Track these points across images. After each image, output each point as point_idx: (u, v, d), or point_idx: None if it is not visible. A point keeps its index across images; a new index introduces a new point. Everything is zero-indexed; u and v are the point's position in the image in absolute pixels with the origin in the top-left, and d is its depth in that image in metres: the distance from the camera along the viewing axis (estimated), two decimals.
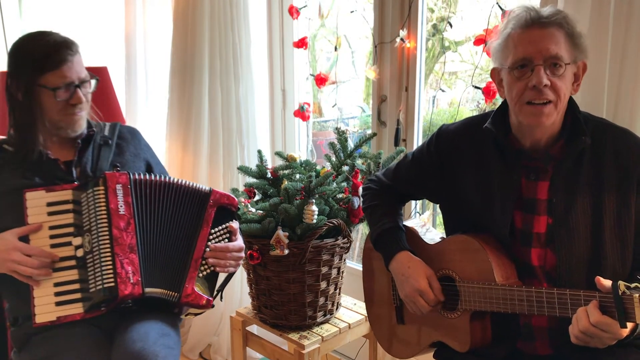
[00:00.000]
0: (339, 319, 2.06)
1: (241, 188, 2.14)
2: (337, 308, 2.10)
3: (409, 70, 2.28)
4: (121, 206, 1.56)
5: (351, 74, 3.03)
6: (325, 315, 2.03)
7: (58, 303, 1.50)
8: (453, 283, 1.48)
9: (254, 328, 2.31)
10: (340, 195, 1.98)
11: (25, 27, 3.30)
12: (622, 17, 1.50)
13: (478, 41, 1.93)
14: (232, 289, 2.69)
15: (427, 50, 2.48)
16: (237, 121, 2.64)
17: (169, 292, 1.59)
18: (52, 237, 1.54)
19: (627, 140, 1.35)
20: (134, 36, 2.95)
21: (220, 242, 1.66)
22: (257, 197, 2.09)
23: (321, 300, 1.98)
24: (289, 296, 1.93)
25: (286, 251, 1.81)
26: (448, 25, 2.16)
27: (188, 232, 1.64)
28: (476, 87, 2.00)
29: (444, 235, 1.63)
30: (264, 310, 2.03)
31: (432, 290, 1.48)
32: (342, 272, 2.04)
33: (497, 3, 1.88)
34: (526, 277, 1.40)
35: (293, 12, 2.58)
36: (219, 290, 1.72)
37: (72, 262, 1.54)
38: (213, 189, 1.67)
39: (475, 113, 1.59)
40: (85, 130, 1.70)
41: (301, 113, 2.65)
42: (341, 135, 2.10)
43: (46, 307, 1.50)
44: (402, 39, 2.19)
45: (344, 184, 2.00)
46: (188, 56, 2.63)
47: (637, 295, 1.10)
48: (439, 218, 1.95)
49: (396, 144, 2.32)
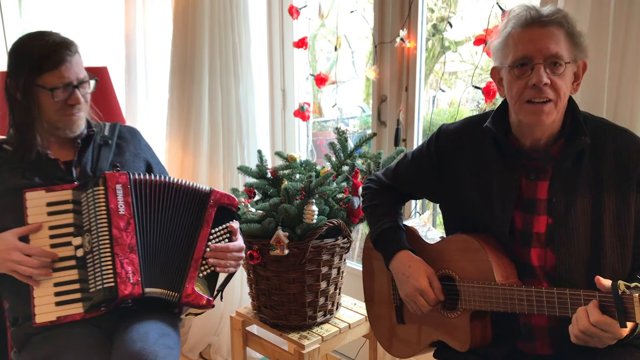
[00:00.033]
0: (339, 319, 2.06)
1: (241, 188, 2.14)
2: (337, 308, 2.10)
3: (409, 70, 2.28)
4: (121, 206, 1.56)
5: (351, 74, 3.03)
6: (325, 315, 2.03)
7: (58, 303, 1.51)
8: (453, 283, 1.48)
9: (254, 328, 2.31)
10: (340, 195, 1.98)
11: (25, 27, 3.30)
12: (622, 17, 1.51)
13: (478, 41, 1.93)
14: (232, 289, 2.69)
15: (427, 50, 2.47)
16: (237, 121, 2.65)
17: (169, 292, 1.59)
18: (52, 237, 1.54)
19: (627, 140, 1.35)
20: (134, 36, 2.95)
21: (220, 242, 1.66)
22: (257, 197, 2.09)
23: (321, 300, 1.98)
24: (289, 296, 1.93)
25: (286, 251, 1.81)
26: (448, 25, 2.16)
27: (188, 232, 1.64)
28: (476, 87, 2.00)
29: (444, 234, 1.64)
30: (264, 310, 2.03)
31: (433, 289, 1.48)
32: (342, 272, 2.04)
33: (497, 3, 1.88)
34: (526, 277, 1.40)
35: (293, 12, 2.58)
36: (219, 290, 1.72)
37: (72, 262, 1.54)
38: (213, 189, 1.67)
39: (475, 113, 1.59)
40: (85, 130, 1.71)
41: (301, 113, 2.64)
42: (341, 135, 2.09)
43: (46, 307, 1.50)
44: (402, 39, 2.19)
45: (344, 184, 2.00)
46: (188, 56, 2.63)
47: (637, 294, 1.10)
48: (439, 218, 1.95)
49: (396, 144, 2.32)
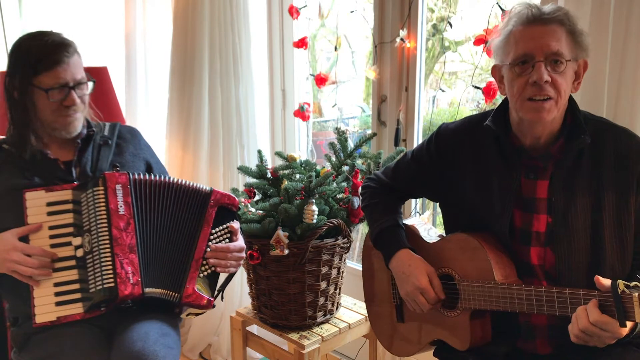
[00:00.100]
0: (339, 319, 2.06)
1: (241, 188, 2.14)
2: (337, 308, 2.10)
3: (409, 70, 2.28)
4: (121, 206, 1.56)
5: (351, 74, 3.02)
6: (325, 315, 2.03)
7: (58, 303, 1.51)
8: (453, 282, 1.48)
9: (254, 328, 2.31)
10: (340, 195, 1.98)
11: (25, 27, 3.30)
12: (622, 17, 1.51)
13: (478, 41, 1.93)
14: (232, 289, 2.69)
15: (427, 50, 2.47)
16: (237, 121, 2.64)
17: (170, 293, 1.59)
18: (52, 237, 1.54)
19: (627, 139, 1.35)
20: (134, 36, 2.95)
21: (221, 243, 1.66)
22: (257, 197, 2.09)
23: (321, 300, 1.98)
24: (289, 296, 1.93)
25: (286, 251, 1.81)
26: (448, 25, 2.16)
27: (189, 232, 1.64)
28: (476, 87, 2.00)
29: (443, 233, 1.63)
30: (264, 310, 2.02)
31: (433, 288, 1.48)
32: (342, 272, 2.04)
33: (497, 3, 1.88)
34: (526, 276, 1.40)
35: (293, 12, 2.58)
36: (220, 290, 1.72)
37: (72, 262, 1.54)
38: (214, 189, 1.67)
39: (475, 113, 1.59)
40: (84, 130, 1.71)
41: (301, 113, 2.64)
42: (341, 135, 2.09)
43: (46, 307, 1.50)
44: (402, 39, 2.19)
45: (344, 184, 2.00)
46: (188, 56, 2.63)
47: (637, 294, 1.10)
48: (439, 218, 1.95)
49: (396, 144, 2.32)
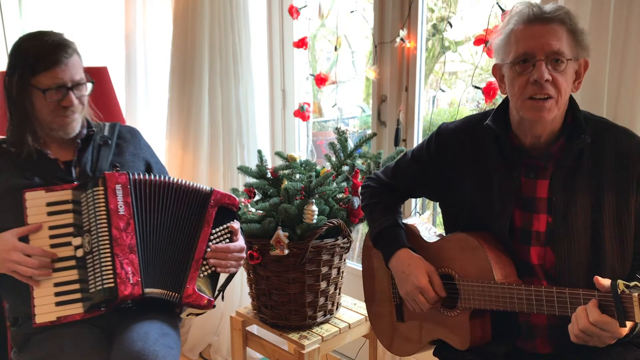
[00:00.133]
0: (339, 319, 2.06)
1: (241, 188, 2.14)
2: (337, 308, 2.10)
3: (409, 70, 2.28)
4: (121, 206, 1.56)
5: (351, 74, 3.02)
6: (325, 315, 2.03)
7: (58, 303, 1.51)
8: (452, 281, 1.48)
9: (254, 328, 2.31)
10: (340, 195, 1.98)
11: (25, 27, 3.30)
12: (622, 17, 1.51)
13: (478, 41, 1.93)
14: (232, 289, 2.69)
15: (427, 50, 2.47)
16: (237, 121, 2.64)
17: (170, 293, 1.59)
18: (52, 237, 1.54)
19: (627, 139, 1.35)
20: (134, 36, 2.95)
21: (221, 243, 1.66)
22: (257, 197, 2.09)
23: (321, 300, 1.98)
24: (289, 296, 1.93)
25: (286, 251, 1.81)
26: (448, 25, 2.16)
27: (189, 233, 1.64)
28: (476, 87, 2.00)
29: (443, 232, 1.63)
30: (264, 310, 2.02)
31: (433, 286, 1.48)
32: (342, 272, 2.04)
33: (497, 3, 1.88)
34: (526, 276, 1.40)
35: (293, 12, 2.58)
36: (221, 290, 1.72)
37: (72, 262, 1.54)
38: (214, 189, 1.67)
39: (475, 113, 1.59)
40: (84, 130, 1.71)
41: (301, 113, 2.65)
42: (341, 135, 2.09)
43: (46, 307, 1.50)
44: (402, 39, 2.19)
45: (344, 184, 2.00)
46: (188, 56, 2.63)
47: (637, 294, 1.10)
48: (439, 218, 1.95)
49: (396, 144, 2.32)
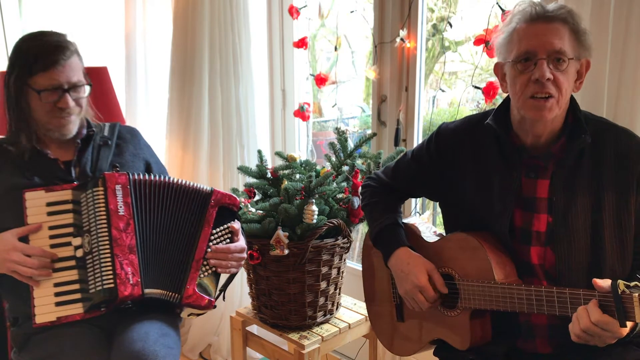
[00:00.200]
0: (339, 319, 2.06)
1: (241, 188, 2.14)
2: (337, 308, 2.10)
3: (409, 70, 2.28)
4: (120, 207, 1.56)
5: (351, 74, 3.03)
6: (325, 315, 2.03)
7: (58, 303, 1.51)
8: (453, 281, 1.48)
9: (254, 328, 2.31)
10: (340, 195, 1.98)
11: (25, 27, 3.30)
12: (622, 17, 1.51)
13: (478, 41, 1.93)
14: (232, 289, 2.69)
15: (427, 50, 2.47)
16: (237, 121, 2.64)
17: (170, 293, 1.59)
18: (52, 237, 1.54)
19: (627, 140, 1.35)
20: (134, 36, 2.95)
21: (221, 243, 1.65)
22: (257, 197, 2.09)
23: (321, 300, 1.98)
24: (289, 296, 1.93)
25: (286, 251, 1.81)
26: (448, 25, 2.16)
27: (189, 233, 1.63)
28: (476, 87, 2.00)
29: (443, 232, 1.63)
30: (264, 310, 2.02)
31: (435, 283, 1.47)
32: (342, 272, 2.04)
33: (497, 3, 1.88)
34: (526, 276, 1.40)
35: (293, 12, 2.58)
36: (221, 290, 1.71)
37: (72, 263, 1.54)
38: (214, 189, 1.67)
39: (475, 113, 1.59)
40: (84, 130, 1.71)
41: (301, 113, 2.65)
42: (341, 135, 2.09)
43: (46, 308, 1.50)
44: (402, 39, 2.19)
45: (344, 184, 2.00)
46: (188, 56, 2.63)
47: (637, 294, 1.10)
48: (439, 218, 1.95)
49: (396, 144, 2.32)
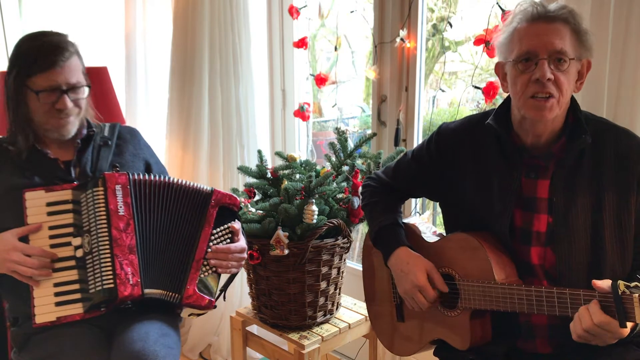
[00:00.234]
0: (339, 319, 2.06)
1: (241, 188, 2.14)
2: (337, 308, 2.10)
3: (409, 70, 2.28)
4: (120, 207, 1.56)
5: (351, 74, 3.03)
6: (325, 315, 2.03)
7: (58, 303, 1.50)
8: (453, 281, 1.48)
9: (254, 328, 2.31)
10: (340, 195, 1.98)
11: (25, 28, 3.30)
12: (622, 17, 1.50)
13: (478, 41, 1.93)
14: (232, 289, 2.69)
15: (427, 50, 2.47)
16: (237, 121, 2.64)
17: (170, 294, 1.59)
18: (52, 238, 1.54)
19: (628, 140, 1.35)
20: (134, 36, 2.95)
21: (222, 243, 1.65)
22: (257, 197, 2.09)
23: (321, 300, 1.98)
24: (289, 296, 1.93)
25: (286, 251, 1.81)
26: (448, 25, 2.16)
27: (189, 233, 1.63)
28: (476, 87, 2.00)
29: (444, 232, 1.63)
30: (264, 310, 2.02)
31: (434, 282, 1.47)
32: (342, 272, 2.04)
33: (497, 3, 1.88)
34: (526, 276, 1.40)
35: (293, 12, 2.58)
36: (222, 290, 1.71)
37: (72, 263, 1.54)
38: (215, 189, 1.67)
39: (475, 113, 1.59)
40: (85, 130, 1.70)
41: (301, 113, 2.65)
42: (341, 135, 2.09)
43: (46, 308, 1.50)
44: (402, 39, 2.19)
45: (344, 184, 2.00)
46: (188, 56, 2.63)
47: (637, 295, 1.10)
48: (439, 218, 1.95)
49: (396, 144, 2.32)
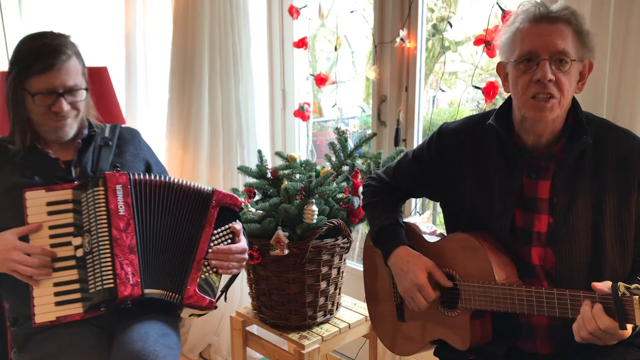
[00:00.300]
0: (339, 319, 2.06)
1: (241, 188, 2.14)
2: (337, 308, 2.10)
3: (409, 70, 2.28)
4: (121, 207, 1.56)
5: (351, 74, 3.02)
6: (325, 315, 2.03)
7: (58, 303, 1.50)
8: (453, 282, 1.48)
9: (254, 328, 2.31)
10: (340, 195, 1.98)
11: (25, 28, 3.29)
12: (622, 17, 1.50)
13: (478, 41, 1.93)
14: (232, 289, 2.68)
15: (427, 50, 2.47)
16: (237, 121, 2.64)
17: (170, 294, 1.59)
18: (52, 237, 1.54)
19: (629, 141, 1.35)
20: (134, 36, 2.95)
21: (223, 244, 1.65)
22: (257, 197, 2.09)
23: (321, 300, 1.98)
24: (289, 296, 1.93)
25: (286, 251, 1.81)
26: (448, 25, 2.16)
27: (190, 233, 1.63)
28: (476, 87, 2.00)
29: (444, 232, 1.63)
30: (264, 310, 2.02)
31: (436, 278, 1.47)
32: (342, 272, 2.04)
33: (497, 3, 1.88)
34: (526, 276, 1.40)
35: (293, 12, 2.58)
36: (223, 290, 1.71)
37: (72, 262, 1.53)
38: (216, 189, 1.67)
39: (475, 113, 1.59)
40: (85, 131, 1.71)
41: (301, 113, 2.64)
42: (341, 135, 2.09)
43: (46, 307, 1.50)
44: (402, 39, 2.19)
45: (344, 184, 2.00)
46: (188, 56, 2.63)
47: (637, 297, 1.10)
48: (439, 218, 1.95)
49: (396, 144, 2.32)
